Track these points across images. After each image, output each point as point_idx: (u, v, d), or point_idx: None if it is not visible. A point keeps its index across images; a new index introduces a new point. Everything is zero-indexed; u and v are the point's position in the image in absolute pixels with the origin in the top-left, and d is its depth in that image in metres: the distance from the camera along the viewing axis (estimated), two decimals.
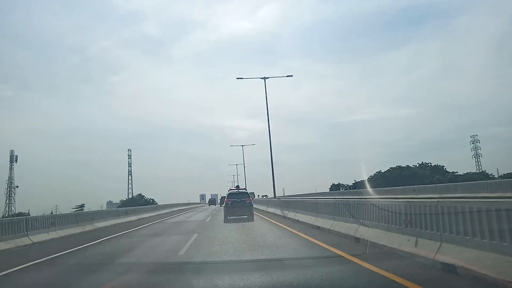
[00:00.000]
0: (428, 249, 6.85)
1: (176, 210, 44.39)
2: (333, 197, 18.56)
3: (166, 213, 38.46)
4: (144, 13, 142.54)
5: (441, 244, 6.57)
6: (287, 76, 31.19)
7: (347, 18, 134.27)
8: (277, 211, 24.12)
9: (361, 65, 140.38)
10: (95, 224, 20.65)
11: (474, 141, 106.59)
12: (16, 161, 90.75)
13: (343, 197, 15.62)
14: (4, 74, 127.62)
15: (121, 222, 24.09)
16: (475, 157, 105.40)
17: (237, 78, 30.94)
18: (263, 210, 30.36)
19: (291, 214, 19.95)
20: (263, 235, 13.31)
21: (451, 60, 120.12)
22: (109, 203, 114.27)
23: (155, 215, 33.18)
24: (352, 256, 7.98)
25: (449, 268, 5.99)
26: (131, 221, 25.53)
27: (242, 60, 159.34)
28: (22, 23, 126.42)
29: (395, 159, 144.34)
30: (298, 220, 17.54)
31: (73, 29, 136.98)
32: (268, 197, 59.46)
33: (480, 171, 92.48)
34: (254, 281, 6.22)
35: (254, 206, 39.11)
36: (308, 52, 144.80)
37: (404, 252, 7.56)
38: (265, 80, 30.63)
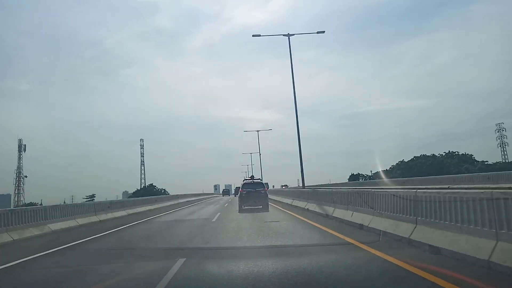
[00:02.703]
0: None
1: (183, 202, 37.24)
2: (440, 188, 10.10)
3: (170, 205, 31.36)
4: (157, 6, 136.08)
5: None
6: (318, 32, 23.48)
7: (360, 8, 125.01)
8: (312, 207, 16.66)
9: (375, 55, 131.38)
10: (49, 226, 13.55)
11: (500, 129, 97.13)
12: (25, 150, 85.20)
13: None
14: (21, 69, 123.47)
15: (98, 221, 16.96)
16: (500, 146, 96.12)
17: (253, 36, 23.54)
18: (288, 204, 22.87)
19: (339, 213, 12.52)
20: None
21: (468, 48, 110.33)
22: (125, 193, 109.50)
23: (153, 209, 26.08)
24: None
25: None
26: (115, 218, 18.44)
27: (255, 51, 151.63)
28: (37, 19, 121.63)
29: (412, 150, 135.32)
30: (362, 225, 10.07)
31: (87, 24, 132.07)
32: (289, 187, 52.29)
33: (506, 160, 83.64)
34: None
35: (274, 198, 32.15)
36: (321, 42, 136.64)
37: None
38: (289, 38, 23.22)
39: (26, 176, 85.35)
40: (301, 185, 27.04)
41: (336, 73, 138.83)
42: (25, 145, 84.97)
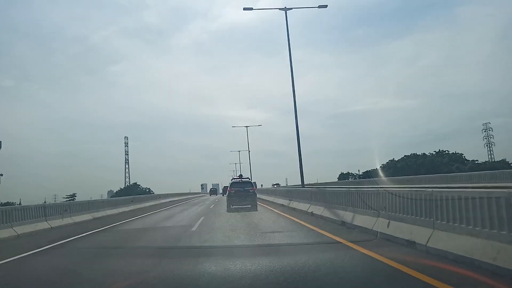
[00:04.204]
0: None
1: (165, 203, 33.33)
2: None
3: (149, 206, 27.46)
4: (145, 2, 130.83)
5: None
6: (319, 6, 19.94)
7: (349, 8, 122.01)
8: (318, 210, 13.08)
9: (363, 55, 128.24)
10: None
11: (487, 129, 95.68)
12: (0, 147, 79.25)
13: None
14: (4, 64, 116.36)
15: (49, 228, 13.11)
16: (487, 145, 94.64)
17: (244, 9, 19.88)
18: (284, 206, 19.22)
19: (364, 221, 9.00)
20: None
21: (455, 49, 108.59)
22: (110, 192, 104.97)
23: (128, 211, 22.24)
24: None
25: None
26: (74, 224, 14.60)
27: (244, 50, 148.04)
28: (22, 13, 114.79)
29: (399, 149, 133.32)
30: (414, 243, 6.53)
31: (73, 19, 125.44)
32: (280, 186, 48.83)
33: (493, 159, 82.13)
34: None
35: (266, 198, 28.61)
36: (310, 42, 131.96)
37: None
38: (286, 12, 19.69)
39: (1, 175, 79.47)
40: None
41: (325, 72, 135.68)
42: (0, 142, 79.13)
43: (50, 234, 11.79)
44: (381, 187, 9.66)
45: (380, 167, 74.61)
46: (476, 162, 70.33)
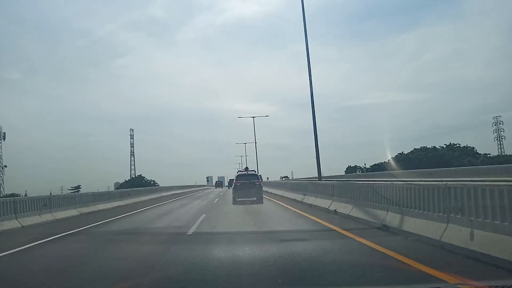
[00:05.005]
0: None
1: (166, 196, 30.88)
2: None
3: (149, 200, 25.00)
4: None
5: None
6: None
7: (354, 1, 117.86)
8: (344, 209, 10.45)
9: (369, 49, 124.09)
10: None
11: (497, 122, 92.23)
12: (4, 138, 77.42)
13: None
14: (12, 57, 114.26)
15: (20, 227, 10.71)
16: (497, 139, 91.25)
17: None
18: (298, 201, 16.59)
19: (422, 227, 6.40)
20: None
21: (462, 43, 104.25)
22: (116, 184, 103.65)
23: (124, 205, 19.92)
24: None
25: None
26: (55, 221, 12.20)
27: (249, 43, 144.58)
28: (28, 7, 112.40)
29: (405, 143, 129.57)
30: (498, 261, 3.96)
31: (80, 12, 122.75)
32: (289, 178, 46.34)
33: (503, 153, 78.91)
34: None
35: (275, 191, 26.12)
36: (315, 35, 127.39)
37: None
38: None
39: (6, 166, 77.84)
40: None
41: (330, 66, 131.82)
42: (4, 133, 77.24)
43: (10, 237, 9.32)
44: (438, 181, 7.02)
45: (389, 160, 71.78)
46: (489, 155, 67.48)
